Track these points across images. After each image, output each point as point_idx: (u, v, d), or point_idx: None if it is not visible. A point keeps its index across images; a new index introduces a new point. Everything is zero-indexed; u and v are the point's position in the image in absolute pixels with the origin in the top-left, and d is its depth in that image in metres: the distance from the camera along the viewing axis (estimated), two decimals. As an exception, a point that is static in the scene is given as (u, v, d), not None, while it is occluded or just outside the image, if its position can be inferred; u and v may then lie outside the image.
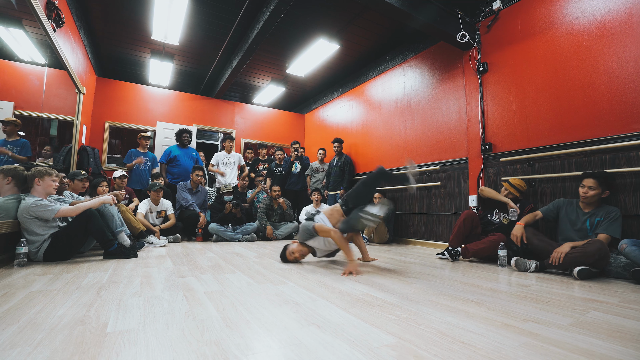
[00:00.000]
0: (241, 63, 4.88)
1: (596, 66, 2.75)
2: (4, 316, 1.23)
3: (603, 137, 2.66)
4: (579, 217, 2.46)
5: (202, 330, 1.11)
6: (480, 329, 1.18)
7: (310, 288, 1.77)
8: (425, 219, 4.27)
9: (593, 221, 2.38)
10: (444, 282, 2.01)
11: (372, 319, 1.27)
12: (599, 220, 2.35)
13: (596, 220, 2.37)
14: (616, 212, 2.33)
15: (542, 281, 2.07)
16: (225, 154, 5.51)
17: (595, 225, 2.36)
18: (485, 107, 3.61)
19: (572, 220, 2.48)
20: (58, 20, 3.21)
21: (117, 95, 5.82)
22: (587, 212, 2.43)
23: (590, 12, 2.80)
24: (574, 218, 2.48)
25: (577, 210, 2.49)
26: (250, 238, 4.44)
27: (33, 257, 2.44)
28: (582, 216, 2.45)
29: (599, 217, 2.37)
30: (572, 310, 1.44)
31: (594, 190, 2.38)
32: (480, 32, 3.70)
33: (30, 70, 3.58)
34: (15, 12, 2.91)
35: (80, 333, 1.07)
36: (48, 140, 4.25)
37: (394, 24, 4.34)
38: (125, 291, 1.64)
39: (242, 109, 7.03)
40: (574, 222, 2.47)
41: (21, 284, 1.77)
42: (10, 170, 2.47)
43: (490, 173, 3.52)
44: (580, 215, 2.46)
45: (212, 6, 4.05)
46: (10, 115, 3.38)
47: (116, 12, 4.24)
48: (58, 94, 4.07)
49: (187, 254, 3.10)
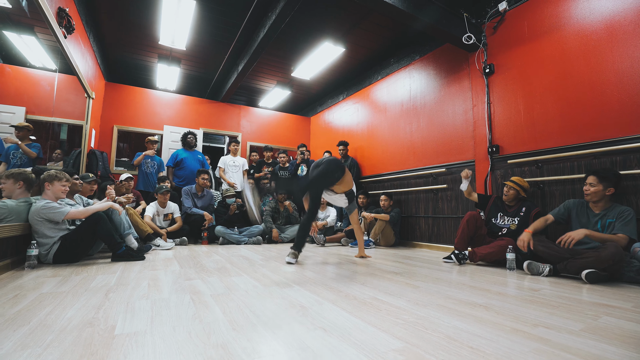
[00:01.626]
0: (247, 67, 4.91)
1: (605, 66, 2.71)
2: (15, 317, 1.25)
3: (613, 139, 2.62)
4: (590, 218, 2.40)
5: (208, 333, 1.11)
6: (489, 333, 1.16)
7: (317, 291, 1.76)
8: (431, 222, 4.23)
9: (604, 223, 2.32)
10: (451, 285, 1.99)
11: (379, 322, 1.26)
12: (611, 222, 2.29)
13: (607, 221, 2.31)
14: (629, 211, 2.25)
15: (552, 285, 2.03)
16: (231, 158, 5.54)
17: (607, 226, 2.31)
18: (492, 109, 3.58)
19: (583, 223, 2.42)
20: (69, 27, 3.27)
21: (126, 100, 5.90)
22: (598, 213, 2.37)
23: (598, 11, 2.77)
24: (585, 220, 2.43)
25: (588, 211, 2.44)
26: (256, 241, 4.45)
27: (43, 259, 2.48)
28: (592, 217, 2.39)
29: (610, 217, 2.31)
30: (583, 315, 1.41)
31: (595, 187, 2.33)
32: (486, 33, 3.68)
33: (42, 76, 3.65)
34: (27, 20, 2.98)
35: (89, 335, 1.08)
36: (58, 144, 4.33)
37: (399, 26, 4.34)
38: (133, 294, 1.65)
39: (247, 112, 7.08)
40: (585, 225, 2.41)
41: (32, 285, 1.80)
42: (21, 175, 2.52)
43: (498, 175, 3.48)
44: (590, 217, 2.40)
45: (218, 11, 4.10)
46: (22, 120, 3.46)
47: (125, 19, 4.31)
48: (68, 99, 4.15)
49: (193, 256, 3.12)
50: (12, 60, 3.32)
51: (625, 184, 2.54)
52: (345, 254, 3.52)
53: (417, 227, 4.44)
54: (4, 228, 2.18)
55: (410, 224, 4.55)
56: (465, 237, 2.95)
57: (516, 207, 2.95)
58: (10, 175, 2.50)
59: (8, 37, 3.15)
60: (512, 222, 2.91)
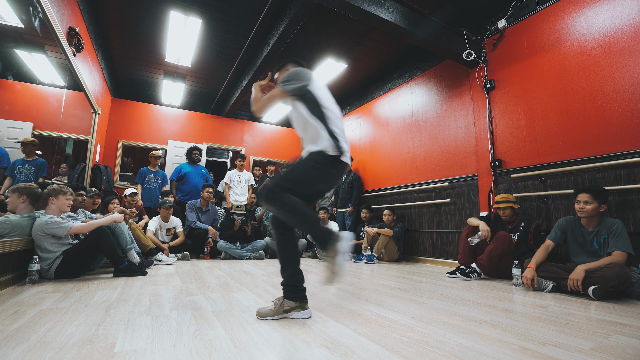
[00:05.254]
0: (251, 83, 5.00)
1: (605, 82, 2.74)
2: (15, 334, 1.23)
3: (616, 153, 2.62)
4: (585, 237, 2.37)
5: (210, 351, 1.09)
6: (496, 352, 1.13)
7: (320, 308, 1.74)
8: (435, 237, 4.19)
9: (600, 240, 2.29)
10: (456, 302, 1.95)
11: (383, 340, 1.23)
12: (605, 238, 2.27)
13: (602, 237, 2.28)
14: (617, 224, 2.23)
15: (559, 302, 1.99)
16: (237, 172, 5.55)
17: (602, 243, 2.28)
18: (494, 124, 3.60)
19: (580, 242, 2.39)
20: (78, 45, 3.37)
21: (131, 115, 6.00)
22: (591, 231, 2.34)
23: (596, 29, 2.82)
24: (581, 240, 2.39)
25: (581, 229, 2.40)
26: (258, 256, 4.42)
27: (45, 274, 2.46)
28: (587, 236, 2.36)
29: (603, 234, 2.28)
30: (593, 333, 1.38)
31: (590, 205, 2.30)
32: (486, 50, 3.74)
33: (50, 93, 3.73)
34: (39, 39, 3.07)
35: (89, 352, 1.07)
36: (64, 158, 4.38)
37: (401, 43, 4.43)
38: (134, 310, 1.63)
39: (251, 127, 7.16)
40: (582, 244, 2.38)
41: (32, 301, 1.78)
42: (25, 189, 2.54)
43: (501, 189, 3.47)
44: (585, 235, 2.37)
45: (223, 29, 4.21)
46: (29, 135, 3.51)
47: (133, 37, 4.44)
48: (75, 115, 4.22)
49: (195, 271, 3.09)
50: (23, 77, 3.41)
51: (630, 198, 2.52)
52: (348, 269, 3.48)
53: (420, 242, 4.39)
54: (6, 243, 2.19)
55: (413, 239, 4.51)
56: (467, 251, 2.92)
57: (515, 222, 2.95)
58: (16, 190, 2.52)
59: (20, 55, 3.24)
60: (513, 237, 2.89)
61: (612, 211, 2.61)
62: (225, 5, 3.75)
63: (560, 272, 2.30)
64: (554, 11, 3.14)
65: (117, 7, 3.84)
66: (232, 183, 5.47)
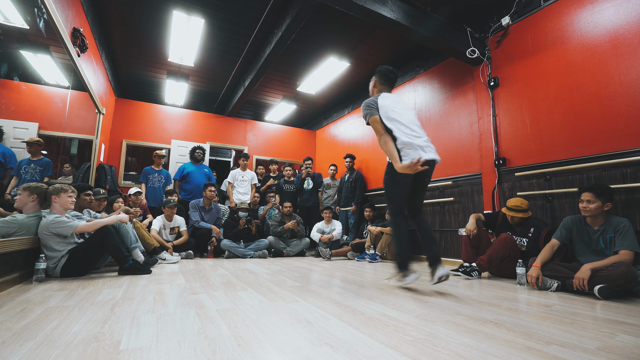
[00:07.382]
0: (253, 82, 5.01)
1: (611, 79, 2.71)
2: (22, 332, 1.25)
3: (623, 151, 2.59)
4: (591, 236, 2.35)
5: (213, 349, 1.10)
6: (500, 351, 1.13)
7: (323, 306, 1.74)
8: (438, 235, 4.18)
9: (606, 239, 2.27)
10: (460, 301, 1.94)
11: (387, 339, 1.23)
12: (611, 237, 2.24)
13: (608, 236, 2.26)
14: (624, 222, 2.21)
15: (564, 301, 1.98)
16: (240, 172, 5.57)
17: (609, 242, 2.25)
18: (498, 122, 3.58)
19: (586, 241, 2.37)
20: (82, 46, 3.39)
21: (135, 115, 6.03)
22: (597, 229, 2.32)
23: (602, 25, 2.79)
24: (586, 239, 2.37)
25: (587, 228, 2.38)
26: (262, 254, 4.43)
27: (51, 273, 2.49)
28: (593, 235, 2.34)
29: (609, 232, 2.26)
30: (599, 332, 1.37)
31: (594, 204, 2.28)
32: (490, 47, 3.72)
33: (55, 93, 3.76)
34: (43, 40, 3.09)
35: (94, 350, 1.08)
36: (68, 158, 4.41)
37: (403, 41, 4.41)
38: (139, 308, 1.65)
39: (254, 126, 7.17)
40: (588, 243, 2.36)
41: (39, 299, 1.80)
42: (36, 188, 2.57)
43: (505, 188, 3.45)
44: (591, 234, 2.35)
45: (226, 29, 4.22)
46: (35, 135, 3.54)
47: (136, 37, 4.46)
48: (79, 115, 4.25)
49: (199, 270, 3.11)
50: (28, 78, 3.43)
51: (636, 197, 2.49)
52: (351, 268, 3.48)
53: (424, 241, 4.38)
54: (14, 242, 2.21)
55: (416, 237, 4.49)
56: (470, 249, 2.91)
57: (524, 226, 2.88)
58: (27, 188, 2.55)
59: (25, 56, 3.26)
60: (521, 243, 2.84)
61: (618, 210, 2.59)
62: (227, 5, 3.76)
63: (565, 271, 2.28)
64: (559, 8, 3.10)
65: (120, 8, 3.86)
66: (235, 182, 5.49)
